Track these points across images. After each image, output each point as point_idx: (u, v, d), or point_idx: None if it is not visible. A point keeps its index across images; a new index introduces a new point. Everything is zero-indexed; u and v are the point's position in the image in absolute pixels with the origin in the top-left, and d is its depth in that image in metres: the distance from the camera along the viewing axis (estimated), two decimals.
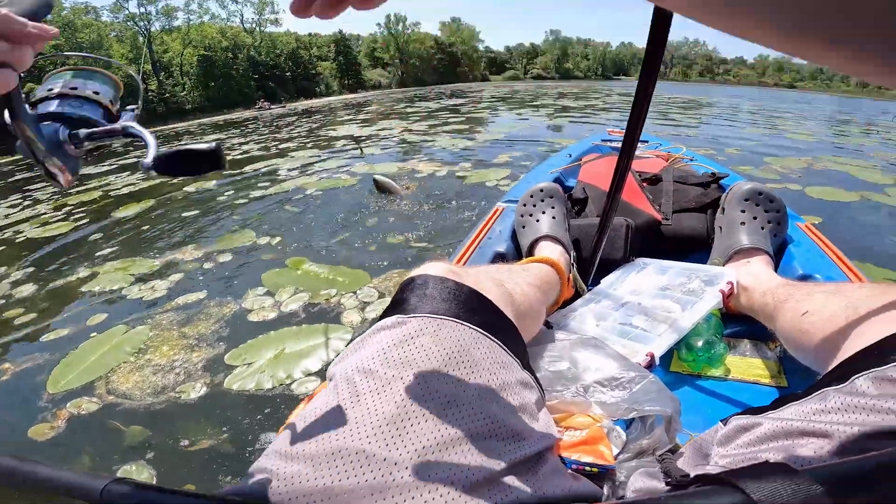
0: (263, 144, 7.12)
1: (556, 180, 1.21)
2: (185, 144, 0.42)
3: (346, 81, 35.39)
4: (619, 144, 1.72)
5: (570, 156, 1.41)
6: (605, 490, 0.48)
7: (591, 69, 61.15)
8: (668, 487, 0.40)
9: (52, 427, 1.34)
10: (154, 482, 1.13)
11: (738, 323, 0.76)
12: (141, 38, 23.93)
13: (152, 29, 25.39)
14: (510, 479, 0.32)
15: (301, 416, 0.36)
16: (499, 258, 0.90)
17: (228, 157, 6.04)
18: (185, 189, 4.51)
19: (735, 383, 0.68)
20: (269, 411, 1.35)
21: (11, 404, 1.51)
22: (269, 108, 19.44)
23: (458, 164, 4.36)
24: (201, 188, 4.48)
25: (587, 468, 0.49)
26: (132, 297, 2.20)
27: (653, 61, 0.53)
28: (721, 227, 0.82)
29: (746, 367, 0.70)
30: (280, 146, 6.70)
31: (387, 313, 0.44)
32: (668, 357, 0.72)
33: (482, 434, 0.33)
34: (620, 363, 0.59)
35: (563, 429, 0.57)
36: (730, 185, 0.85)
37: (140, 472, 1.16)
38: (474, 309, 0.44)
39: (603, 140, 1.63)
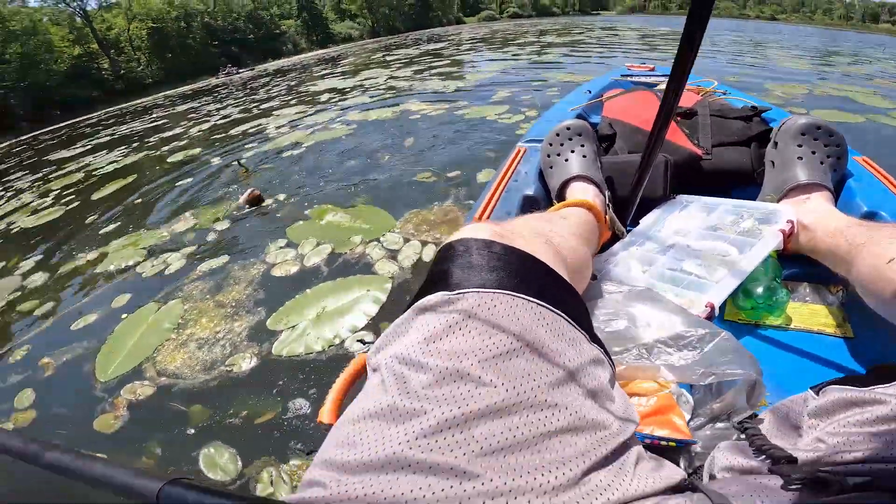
0: (243, 107, 6.79)
1: (579, 117, 1.14)
2: None
3: (315, 37, 33.37)
4: (641, 79, 1.57)
5: (590, 92, 1.34)
6: (682, 464, 0.44)
7: (568, 4, 58.17)
8: (765, 462, 0.35)
9: (116, 417, 1.32)
10: (238, 462, 1.11)
11: (795, 264, 0.71)
12: (78, 19, 22.35)
13: (88, 8, 23.76)
14: (598, 479, 0.28)
15: (348, 418, 0.31)
16: (528, 202, 0.85)
17: (208, 124, 5.77)
18: (169, 160, 4.31)
19: (797, 333, 0.63)
20: (323, 374, 1.33)
21: (66, 399, 1.47)
22: (238, 73, 18.51)
23: (454, 103, 4.22)
24: (188, 156, 4.28)
25: (662, 443, 0.45)
26: (151, 272, 2.14)
27: None
28: (773, 162, 0.75)
29: (808, 314, 0.65)
30: (261, 107, 6.41)
31: (427, 289, 0.37)
32: (721, 305, 0.66)
33: (560, 430, 0.29)
34: (685, 318, 0.53)
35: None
36: (779, 119, 0.79)
37: (220, 453, 1.14)
38: (529, 277, 0.38)
39: (623, 75, 1.56)
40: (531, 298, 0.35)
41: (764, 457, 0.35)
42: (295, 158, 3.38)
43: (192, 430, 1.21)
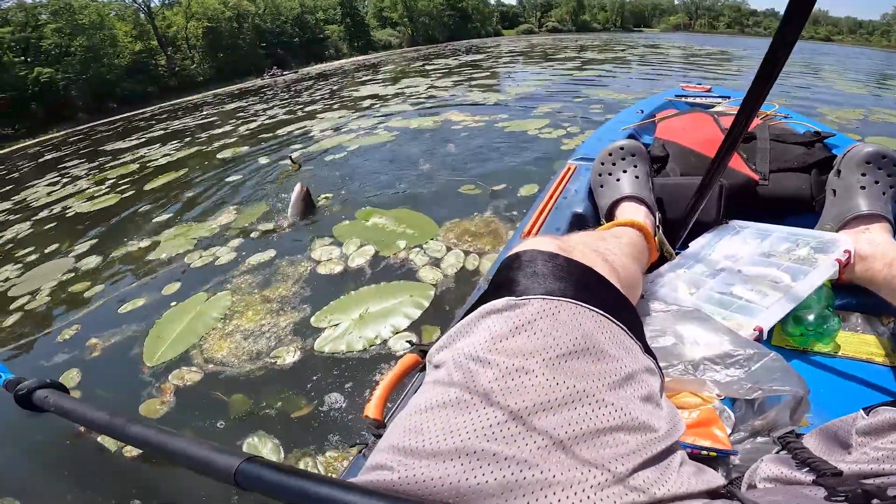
0: (288, 108, 7.03)
1: (630, 137, 1.15)
2: None
3: (356, 43, 34.33)
4: (696, 100, 1.56)
5: (642, 111, 1.34)
6: (721, 474, 0.44)
7: (609, 20, 57.68)
8: (809, 474, 0.35)
9: (162, 402, 1.37)
10: (281, 452, 1.15)
11: (849, 294, 0.70)
12: (142, 15, 23.68)
13: (152, 5, 25.09)
14: (644, 476, 0.30)
15: (414, 408, 0.33)
16: (577, 219, 0.85)
17: (255, 123, 6.00)
18: (219, 156, 4.49)
19: (845, 360, 0.63)
20: (364, 372, 1.36)
21: (114, 382, 1.53)
22: (282, 75, 19.15)
23: (495, 115, 4.25)
24: (236, 153, 4.46)
25: (703, 452, 0.46)
26: (200, 263, 2.23)
27: (801, 7, 0.43)
28: (835, 191, 0.74)
29: (858, 343, 0.65)
30: (305, 109, 6.62)
31: (492, 295, 0.40)
32: (769, 332, 0.66)
33: (613, 428, 0.31)
34: (732, 339, 0.54)
35: None
36: (843, 146, 0.77)
37: (264, 442, 1.18)
38: (591, 288, 0.41)
39: (677, 95, 1.56)
40: (592, 308, 0.38)
41: (808, 469, 0.35)
42: (340, 161, 3.48)
43: (237, 419, 1.25)
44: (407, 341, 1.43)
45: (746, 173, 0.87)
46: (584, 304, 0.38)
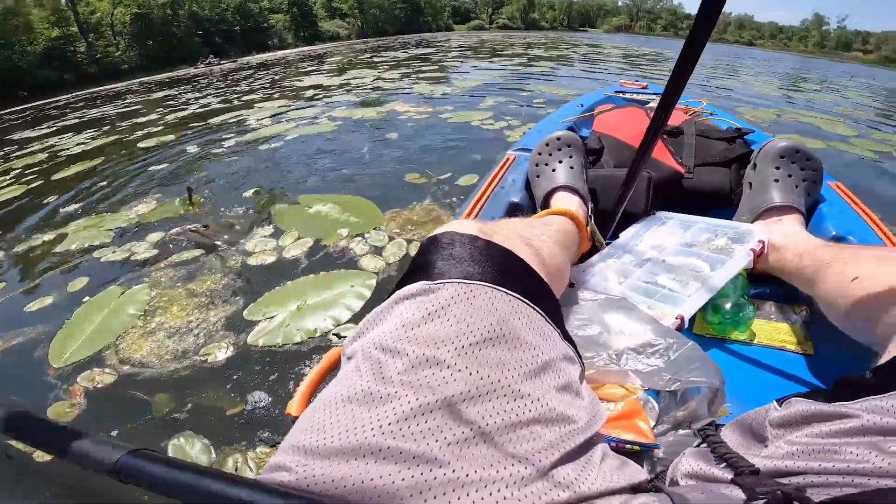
0: (223, 98, 6.63)
1: (570, 130, 1.18)
2: None
3: (303, 34, 32.97)
4: (634, 96, 1.59)
5: (582, 106, 1.37)
6: (645, 468, 0.45)
7: (556, 19, 59.48)
8: (727, 470, 0.35)
9: (72, 405, 1.24)
10: (211, 452, 1.08)
11: (763, 284, 0.74)
12: (63, 1, 21.54)
13: None
14: (564, 471, 0.28)
15: (320, 403, 0.30)
16: (514, 209, 0.86)
17: (186, 112, 5.60)
18: (141, 145, 4.15)
19: (760, 348, 0.65)
20: (302, 366, 1.29)
21: (14, 385, 1.38)
22: (219, 64, 18.06)
23: (441, 107, 4.25)
24: (161, 142, 4.14)
25: (627, 446, 0.46)
26: (114, 256, 2.03)
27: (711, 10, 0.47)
28: (751, 184, 0.78)
29: (772, 331, 0.68)
30: (242, 98, 6.27)
31: (408, 279, 0.38)
32: (690, 319, 0.69)
33: (530, 421, 0.29)
34: (654, 328, 0.55)
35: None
36: (761, 142, 0.81)
37: (191, 443, 1.10)
38: (510, 272, 0.39)
39: (616, 91, 1.59)
40: (509, 292, 0.36)
41: (725, 464, 0.35)
42: (278, 150, 3.33)
43: (161, 419, 1.17)
44: (335, 335, 1.38)
45: (673, 166, 0.90)
46: (501, 289, 0.36)
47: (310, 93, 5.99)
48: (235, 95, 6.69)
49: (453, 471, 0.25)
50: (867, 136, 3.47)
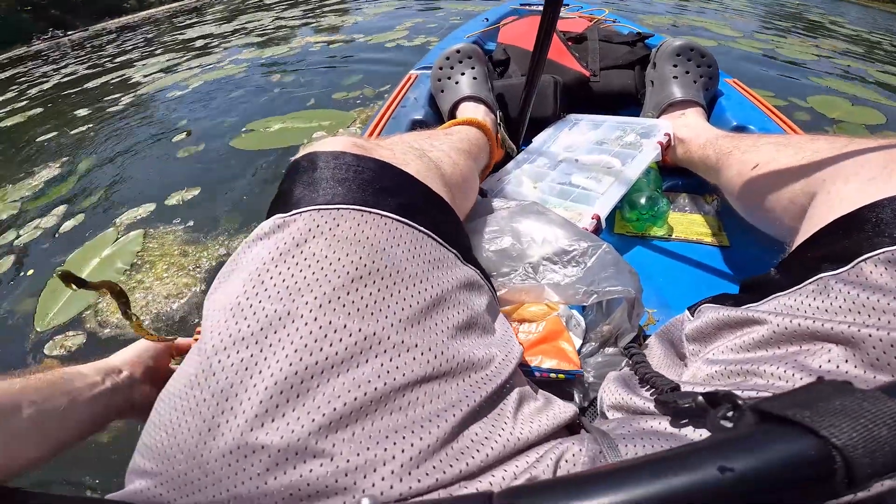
0: (91, 63, 5.60)
1: (474, 44, 1.17)
2: None
3: None
4: (537, 7, 1.53)
5: (487, 20, 1.33)
6: (577, 397, 0.43)
7: None
8: (651, 394, 0.33)
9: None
10: None
11: (674, 176, 0.76)
12: None
13: None
14: (471, 433, 0.24)
15: (166, 394, 0.25)
16: (417, 126, 0.82)
17: (49, 84, 4.65)
18: (5, 123, 3.44)
19: (678, 243, 0.66)
20: None
21: None
22: (65, 35, 15.14)
23: (354, 35, 3.97)
24: (29, 115, 3.44)
25: (552, 375, 0.42)
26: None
27: None
28: (653, 82, 0.79)
29: (688, 224, 0.69)
30: (116, 60, 5.36)
31: (268, 215, 0.31)
32: (610, 219, 0.70)
33: (421, 378, 0.24)
34: (569, 231, 0.51)
35: (516, 324, 0.48)
36: (658, 43, 0.82)
37: None
38: (387, 189, 0.32)
39: (522, 4, 1.58)
40: (385, 213, 0.29)
41: (648, 386, 0.33)
42: (185, 96, 2.93)
43: None
44: None
45: (579, 70, 0.91)
46: (374, 210, 0.29)
47: (200, 43, 5.24)
48: (106, 59, 5.69)
49: (331, 459, 0.21)
50: (750, 37, 3.79)
